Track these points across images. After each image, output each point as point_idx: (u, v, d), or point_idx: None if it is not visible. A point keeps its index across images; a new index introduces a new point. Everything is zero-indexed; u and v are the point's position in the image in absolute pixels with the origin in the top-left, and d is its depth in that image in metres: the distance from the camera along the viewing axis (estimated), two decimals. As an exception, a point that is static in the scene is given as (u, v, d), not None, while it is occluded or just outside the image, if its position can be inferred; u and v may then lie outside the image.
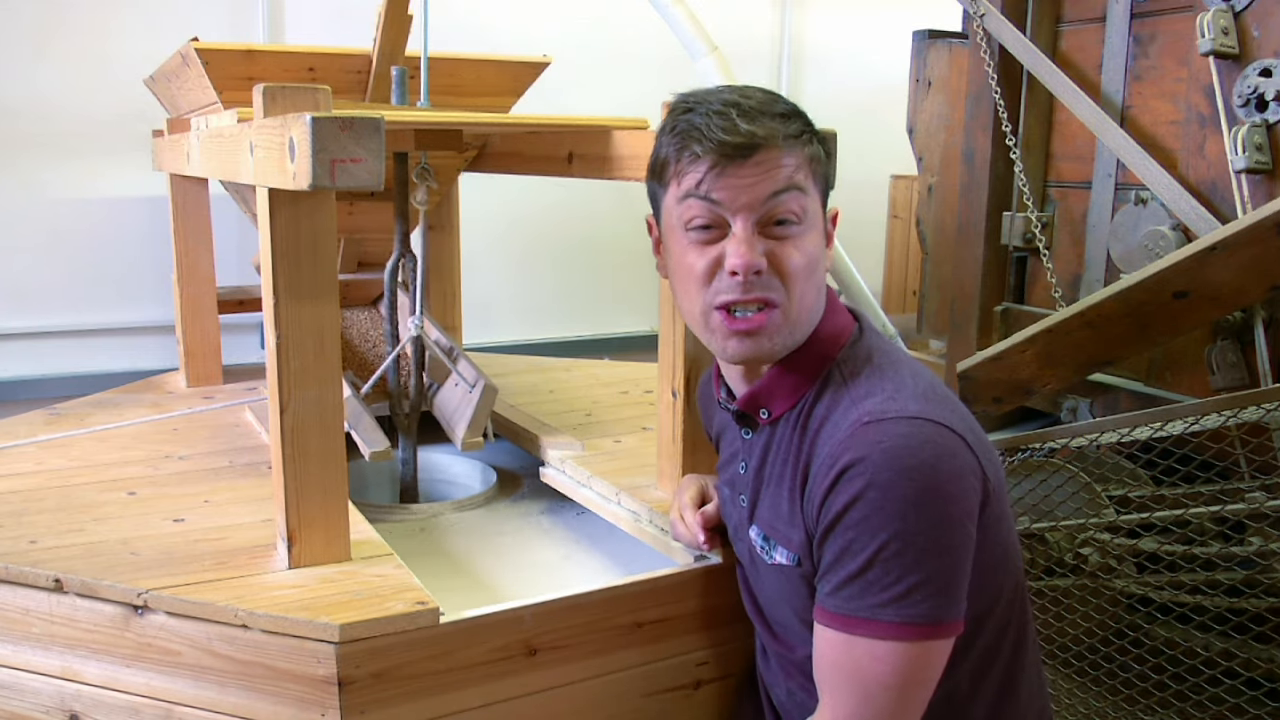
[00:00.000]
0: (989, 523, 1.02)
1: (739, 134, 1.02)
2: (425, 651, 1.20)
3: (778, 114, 1.04)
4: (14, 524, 1.48)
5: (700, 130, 1.04)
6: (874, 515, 0.95)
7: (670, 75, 2.63)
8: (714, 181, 1.04)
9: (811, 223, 1.06)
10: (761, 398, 1.11)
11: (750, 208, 1.03)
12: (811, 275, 1.06)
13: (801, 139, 1.05)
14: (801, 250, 1.05)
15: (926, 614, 0.95)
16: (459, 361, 1.89)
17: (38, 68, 2.79)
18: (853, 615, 0.97)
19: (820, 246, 1.07)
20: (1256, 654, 1.81)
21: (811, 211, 1.06)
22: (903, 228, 3.84)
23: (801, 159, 1.04)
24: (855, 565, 0.96)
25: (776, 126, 1.03)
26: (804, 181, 1.04)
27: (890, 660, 0.96)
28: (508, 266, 3.51)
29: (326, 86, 1.20)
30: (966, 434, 1.00)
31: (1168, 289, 1.80)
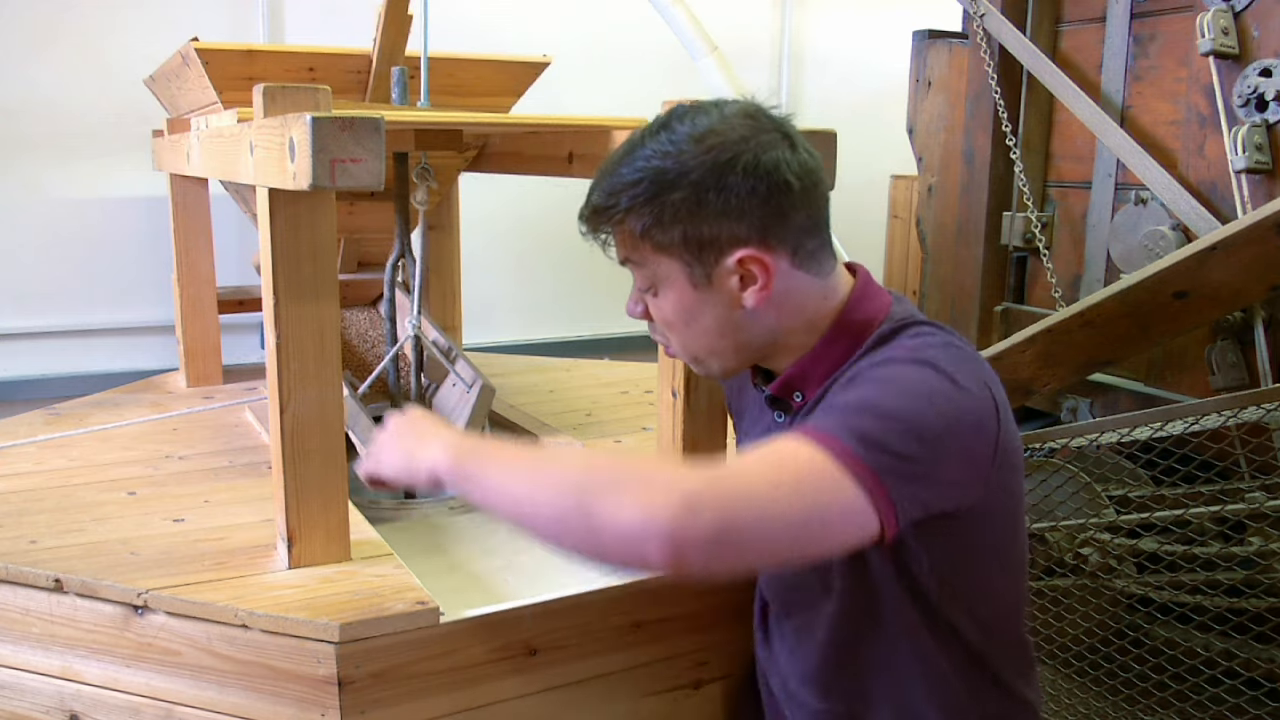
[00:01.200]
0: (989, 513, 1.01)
1: (580, 219, 1.10)
2: (425, 651, 1.20)
3: (603, 191, 1.06)
4: (14, 524, 1.48)
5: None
6: (890, 382, 0.94)
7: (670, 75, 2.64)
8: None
9: (661, 285, 1.07)
10: (796, 382, 1.11)
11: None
12: (684, 329, 1.09)
13: (618, 216, 1.05)
14: (659, 308, 1.10)
15: (880, 466, 0.87)
16: (457, 362, 1.89)
17: (38, 68, 2.79)
18: (815, 428, 0.91)
19: (687, 304, 1.06)
20: (1256, 654, 1.81)
21: (655, 277, 1.07)
22: (903, 228, 3.84)
23: (627, 235, 1.06)
24: (844, 404, 0.94)
25: (597, 205, 1.07)
26: (632, 255, 1.07)
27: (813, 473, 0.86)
28: (508, 266, 3.51)
29: (326, 86, 1.20)
30: (1003, 413, 1.00)
31: (1168, 289, 1.80)
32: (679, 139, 1.02)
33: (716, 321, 1.07)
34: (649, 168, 1.03)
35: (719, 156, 1.01)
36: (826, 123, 1.38)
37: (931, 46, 2.89)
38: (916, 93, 2.96)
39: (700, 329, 1.08)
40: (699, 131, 1.02)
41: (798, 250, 1.05)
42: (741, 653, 1.38)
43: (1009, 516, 1.06)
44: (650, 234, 1.04)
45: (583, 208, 1.09)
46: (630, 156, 1.05)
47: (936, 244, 2.86)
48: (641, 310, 1.12)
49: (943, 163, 2.84)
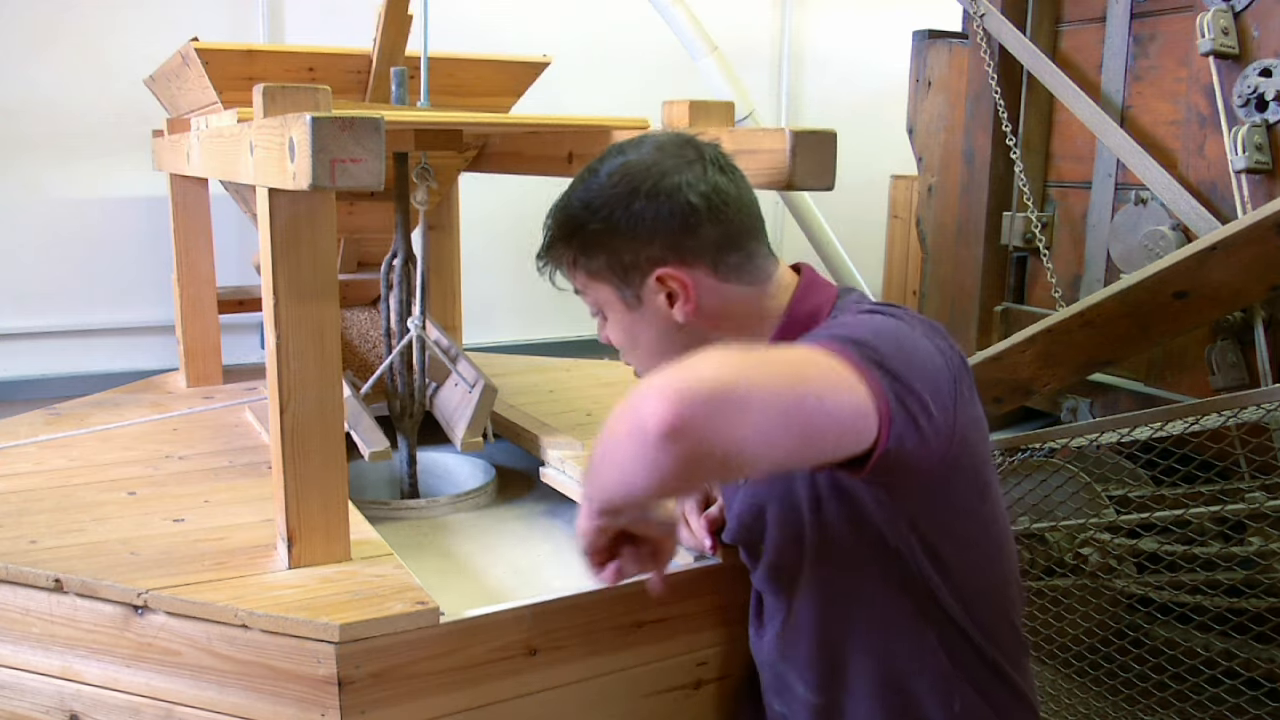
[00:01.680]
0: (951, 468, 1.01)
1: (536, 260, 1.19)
2: (425, 651, 1.20)
3: (545, 228, 1.17)
4: (14, 524, 1.48)
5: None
6: (844, 327, 0.99)
7: (670, 75, 2.64)
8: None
9: (607, 308, 1.16)
10: None
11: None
12: (632, 350, 1.17)
13: (558, 250, 1.16)
14: (610, 332, 1.19)
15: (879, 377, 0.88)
16: (459, 361, 1.89)
17: (38, 68, 2.79)
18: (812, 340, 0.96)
19: (626, 325, 1.15)
20: (1256, 654, 1.81)
21: (601, 301, 1.16)
22: (903, 228, 3.84)
23: (566, 268, 1.17)
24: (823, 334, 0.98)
25: (542, 255, 1.18)
26: (578, 285, 1.18)
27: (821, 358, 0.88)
28: (508, 266, 3.51)
29: (326, 86, 1.20)
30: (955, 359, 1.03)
31: (1168, 289, 1.80)
32: (598, 179, 1.14)
33: (655, 338, 1.14)
34: (572, 207, 1.15)
35: (624, 187, 1.11)
36: (826, 123, 1.38)
37: (931, 46, 2.89)
38: (916, 93, 2.96)
39: (644, 347, 1.16)
40: (612, 169, 1.13)
41: (717, 265, 1.11)
42: (741, 653, 1.38)
43: (974, 474, 1.07)
44: (580, 264, 1.15)
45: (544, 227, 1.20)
46: (565, 201, 1.17)
47: (936, 244, 2.87)
48: (605, 335, 1.21)
49: (943, 163, 2.84)
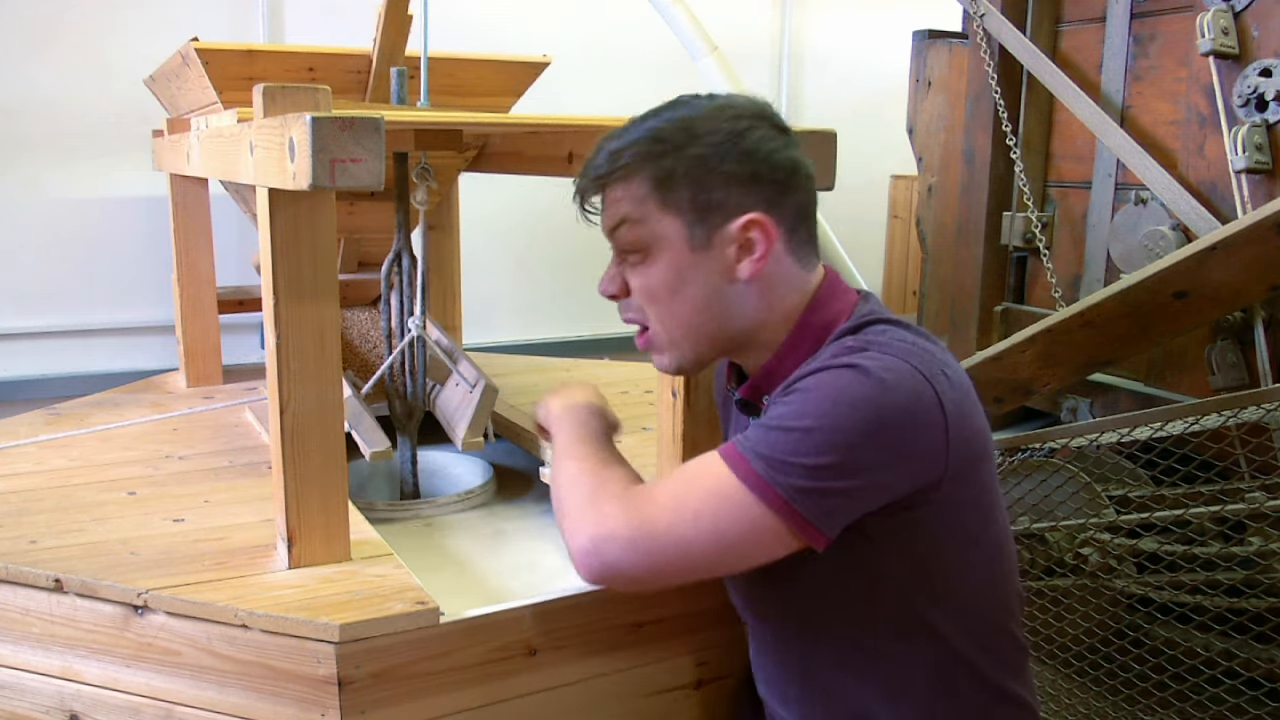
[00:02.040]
0: (949, 503, 1.00)
1: (579, 180, 1.10)
2: (425, 651, 1.21)
3: (609, 151, 1.07)
4: (14, 524, 1.48)
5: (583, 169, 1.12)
6: (811, 397, 0.95)
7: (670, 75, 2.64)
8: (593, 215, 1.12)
9: (656, 249, 1.07)
10: (763, 386, 1.12)
11: (609, 240, 1.11)
12: (668, 300, 1.08)
13: (634, 164, 1.05)
14: (645, 277, 1.08)
15: (792, 492, 0.93)
16: (459, 362, 1.89)
17: (38, 68, 2.79)
18: (735, 446, 0.97)
19: (678, 270, 1.07)
20: (1256, 654, 1.81)
21: (653, 238, 1.06)
22: (903, 228, 3.84)
23: (635, 186, 1.06)
24: (767, 421, 0.97)
25: (600, 165, 1.07)
26: (634, 213, 1.06)
27: (721, 496, 0.95)
28: (508, 266, 3.51)
29: (326, 86, 1.20)
30: (946, 398, 0.98)
31: (1168, 289, 1.80)
32: (697, 108, 1.06)
33: (704, 292, 1.07)
34: (664, 128, 1.05)
35: (737, 126, 1.04)
36: (826, 123, 1.39)
37: (931, 46, 2.89)
38: (916, 93, 2.96)
39: (685, 300, 1.07)
40: (718, 104, 1.07)
41: (792, 233, 1.08)
42: (741, 653, 1.38)
43: (976, 505, 1.05)
44: (660, 187, 1.05)
45: (581, 175, 1.09)
46: (642, 122, 1.07)
47: (936, 244, 2.86)
48: (619, 285, 1.11)
49: (943, 163, 2.84)
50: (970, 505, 1.03)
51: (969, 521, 1.04)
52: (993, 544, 1.09)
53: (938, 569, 1.04)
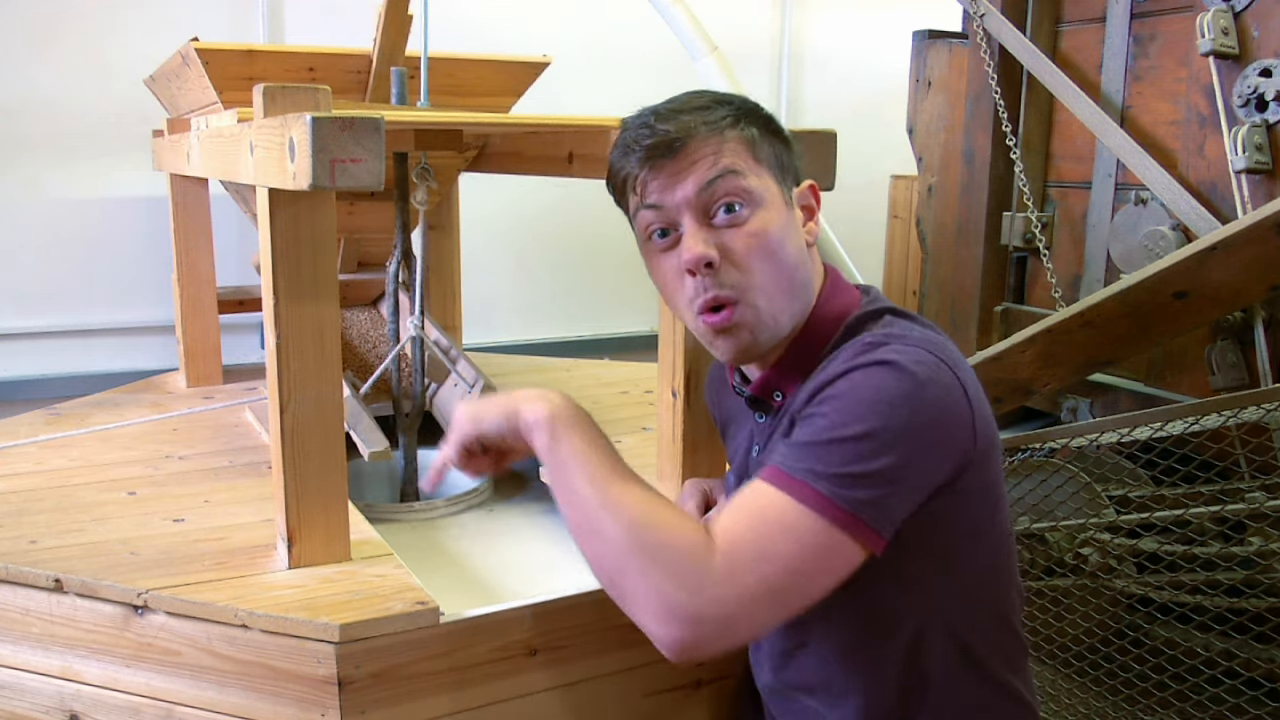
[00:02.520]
0: (966, 491, 1.00)
1: (658, 134, 1.05)
2: (425, 651, 1.20)
3: (697, 107, 1.07)
4: (14, 524, 1.48)
5: (629, 144, 1.08)
6: (852, 400, 0.94)
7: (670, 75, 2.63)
8: (652, 186, 1.06)
9: (761, 201, 1.05)
10: (774, 382, 1.12)
11: (689, 202, 1.05)
12: (774, 255, 1.05)
13: (725, 122, 1.06)
14: (753, 233, 1.04)
15: (858, 504, 0.92)
16: (459, 362, 1.89)
17: (38, 68, 2.79)
18: (789, 472, 0.93)
19: (782, 223, 1.06)
20: (1256, 654, 1.81)
21: (758, 190, 1.05)
22: (903, 228, 3.84)
23: (732, 142, 1.05)
24: (815, 437, 0.94)
25: (693, 118, 1.05)
26: (738, 164, 1.04)
27: (797, 531, 0.91)
28: (508, 266, 3.51)
29: (326, 86, 1.20)
30: (970, 387, 0.99)
31: (1168, 289, 1.80)
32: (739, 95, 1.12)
33: (796, 251, 1.08)
34: (727, 96, 1.10)
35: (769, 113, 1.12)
36: (826, 123, 1.39)
37: (931, 46, 2.89)
38: (916, 93, 2.96)
39: (785, 258, 1.06)
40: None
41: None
42: (741, 653, 1.38)
43: (986, 494, 1.05)
44: (751, 144, 1.06)
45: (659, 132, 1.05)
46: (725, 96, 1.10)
47: (936, 244, 2.87)
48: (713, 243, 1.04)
49: (943, 163, 2.84)
50: (982, 494, 1.04)
51: (979, 511, 1.05)
52: (998, 534, 1.09)
53: (947, 558, 1.04)
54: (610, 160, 1.13)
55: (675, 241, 1.07)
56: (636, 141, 1.07)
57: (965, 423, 0.98)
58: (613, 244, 3.55)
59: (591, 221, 3.53)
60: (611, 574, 0.96)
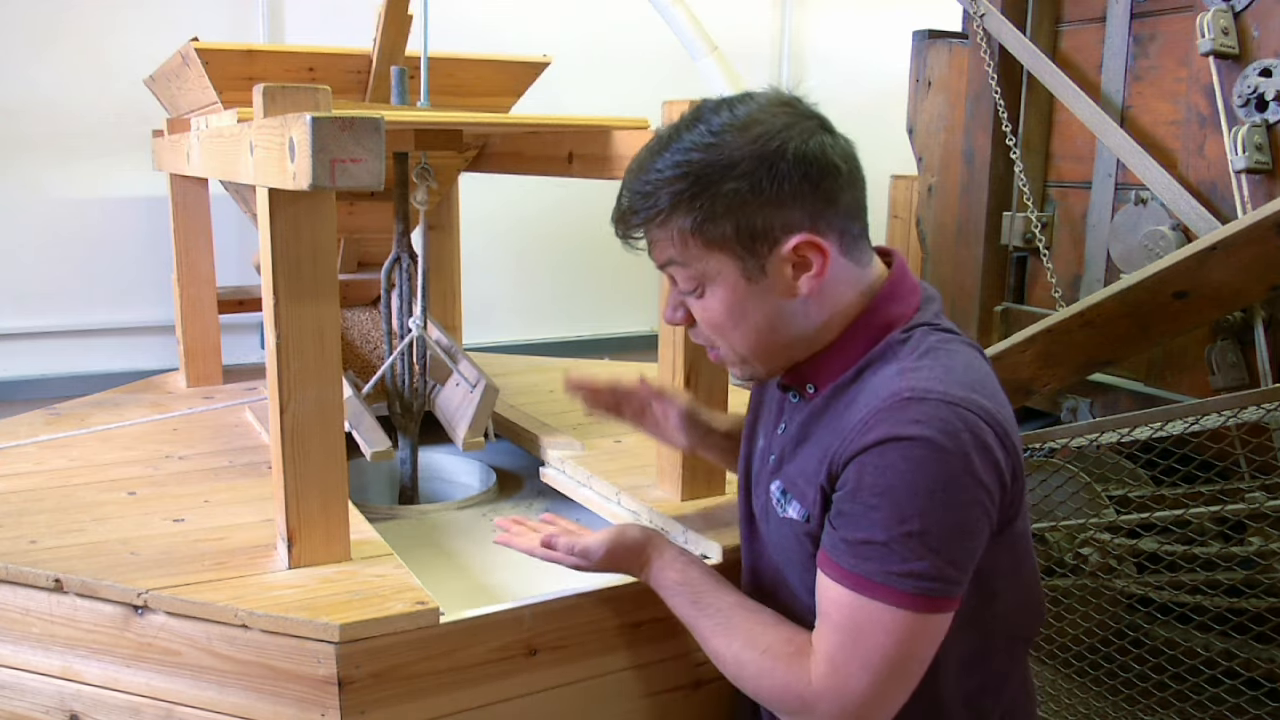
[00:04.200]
0: (1004, 533, 1.03)
1: (614, 221, 1.09)
2: (425, 651, 1.20)
3: (645, 192, 1.04)
4: (14, 524, 1.48)
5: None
6: (905, 492, 0.95)
7: (670, 75, 2.64)
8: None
9: (713, 283, 1.05)
10: (808, 374, 1.12)
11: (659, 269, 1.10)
12: (734, 329, 1.07)
13: (662, 214, 1.03)
14: (708, 309, 1.07)
15: (940, 589, 0.96)
16: (460, 361, 1.89)
17: (38, 68, 2.79)
18: (866, 577, 0.97)
19: (738, 299, 1.05)
20: (1256, 654, 1.81)
21: (708, 273, 1.05)
22: (903, 228, 3.84)
23: (670, 231, 1.04)
24: (878, 536, 0.97)
25: (634, 209, 1.05)
26: (678, 255, 1.05)
27: (895, 630, 0.97)
28: (508, 266, 3.51)
29: (326, 86, 1.20)
30: (1004, 431, 1.00)
31: (1168, 289, 1.80)
32: (719, 129, 1.01)
33: (767, 316, 1.06)
34: (692, 161, 1.01)
35: (767, 145, 1.00)
36: (826, 123, 1.38)
37: (931, 46, 2.89)
38: (916, 93, 2.96)
39: (750, 326, 1.07)
40: (740, 121, 1.02)
41: (844, 235, 1.05)
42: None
43: (1019, 530, 1.08)
44: (701, 230, 1.02)
45: (616, 209, 1.08)
46: (666, 151, 1.03)
47: (936, 244, 2.87)
48: (683, 315, 1.11)
49: (943, 163, 2.84)
50: (1016, 531, 1.06)
51: (1015, 546, 1.07)
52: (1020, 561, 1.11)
53: (983, 595, 1.05)
54: None
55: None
56: (616, 201, 1.10)
57: (1002, 471, 0.99)
58: (613, 244, 3.54)
59: (591, 221, 3.51)
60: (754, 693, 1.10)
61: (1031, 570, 1.15)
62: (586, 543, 1.25)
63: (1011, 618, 1.12)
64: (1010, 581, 1.09)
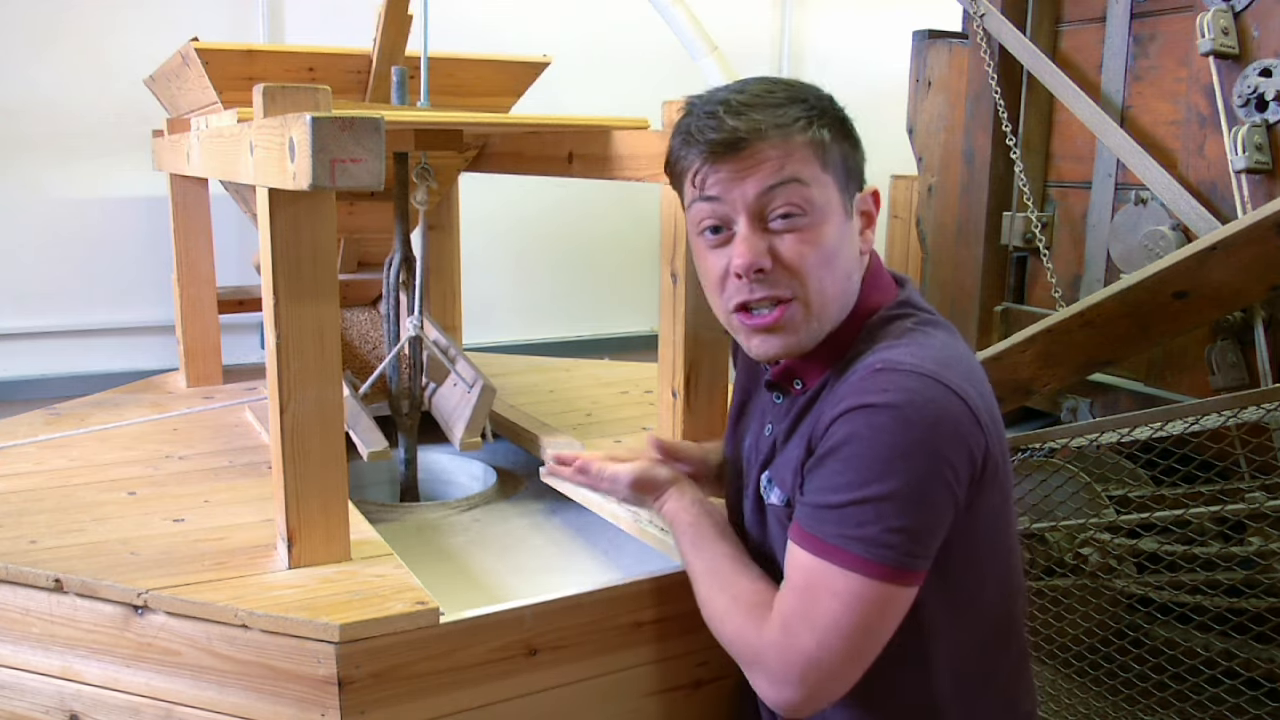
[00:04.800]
0: (979, 504, 1.02)
1: (724, 130, 1.02)
2: (425, 651, 1.20)
3: (771, 105, 1.02)
4: (14, 524, 1.48)
5: (692, 133, 1.05)
6: (865, 457, 0.96)
7: (670, 75, 2.64)
8: (711, 181, 1.05)
9: (821, 211, 1.03)
10: (796, 370, 1.12)
11: (746, 205, 1.04)
12: (828, 266, 1.04)
13: (796, 126, 1.02)
14: (809, 243, 1.03)
15: (895, 558, 0.96)
16: (457, 361, 1.89)
17: (38, 68, 2.79)
18: (822, 539, 0.98)
19: (839, 233, 1.05)
20: (1256, 654, 1.81)
21: (819, 200, 1.03)
22: (903, 228, 3.84)
23: (800, 147, 1.02)
24: (837, 498, 0.97)
25: (764, 118, 1.02)
26: (803, 172, 1.02)
27: (844, 594, 0.96)
28: (508, 266, 3.51)
29: (326, 86, 1.20)
30: (978, 408, 1.00)
31: (1168, 289, 1.80)
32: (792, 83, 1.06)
33: (848, 260, 1.08)
34: (803, 89, 1.05)
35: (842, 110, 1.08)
36: (826, 123, 1.38)
37: (931, 46, 2.89)
38: (916, 93, 2.96)
39: (842, 265, 1.07)
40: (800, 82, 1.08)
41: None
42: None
43: (997, 510, 1.07)
44: (820, 149, 1.03)
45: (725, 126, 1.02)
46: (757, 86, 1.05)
47: (936, 244, 2.86)
48: (766, 248, 1.03)
49: (943, 163, 2.84)
50: (992, 511, 1.05)
51: (991, 527, 1.06)
52: (1008, 547, 1.11)
53: (959, 577, 1.05)
54: (671, 145, 1.10)
55: (726, 240, 1.06)
56: (700, 133, 1.04)
57: (977, 449, 0.99)
58: (613, 244, 3.56)
59: (591, 221, 3.53)
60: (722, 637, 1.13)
61: (1016, 556, 1.14)
62: (616, 470, 1.30)
63: (1001, 605, 1.12)
64: (994, 566, 1.09)
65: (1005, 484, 1.07)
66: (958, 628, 1.06)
